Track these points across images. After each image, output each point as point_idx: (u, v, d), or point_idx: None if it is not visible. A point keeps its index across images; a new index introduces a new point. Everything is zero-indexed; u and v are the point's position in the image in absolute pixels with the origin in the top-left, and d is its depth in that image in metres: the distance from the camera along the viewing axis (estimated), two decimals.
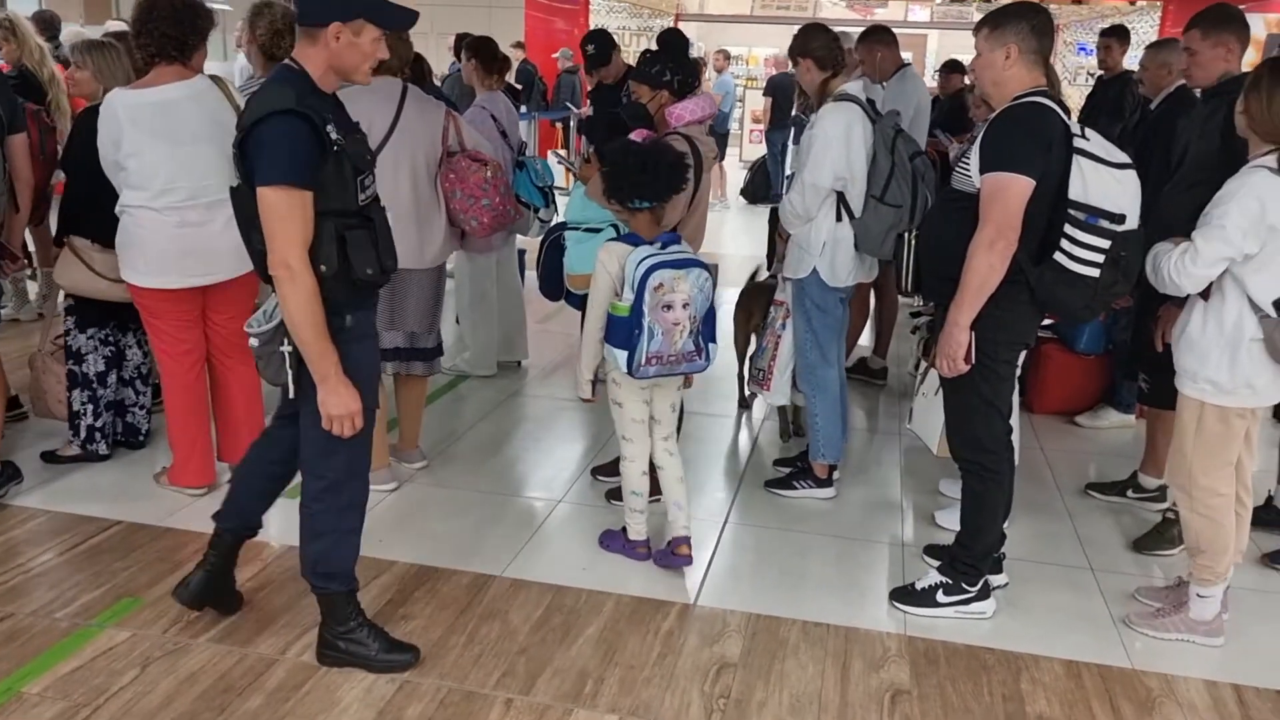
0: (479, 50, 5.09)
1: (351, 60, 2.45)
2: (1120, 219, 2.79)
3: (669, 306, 3.04)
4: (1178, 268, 2.84)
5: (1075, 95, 11.83)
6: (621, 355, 3.08)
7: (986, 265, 2.80)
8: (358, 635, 2.73)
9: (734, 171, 12.77)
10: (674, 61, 3.66)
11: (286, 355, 2.47)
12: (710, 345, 3.19)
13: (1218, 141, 3.27)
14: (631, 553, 3.45)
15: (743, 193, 6.56)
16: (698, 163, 3.49)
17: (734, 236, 9.85)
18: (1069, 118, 2.86)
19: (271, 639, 2.92)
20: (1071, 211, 2.79)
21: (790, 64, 3.88)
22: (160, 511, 3.64)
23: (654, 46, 6.48)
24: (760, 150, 11.69)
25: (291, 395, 2.54)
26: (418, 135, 3.66)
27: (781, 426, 4.65)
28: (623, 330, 3.07)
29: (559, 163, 9.41)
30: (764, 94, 12.15)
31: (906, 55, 5.65)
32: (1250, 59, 4.26)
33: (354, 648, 2.73)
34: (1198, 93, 3.84)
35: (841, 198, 3.66)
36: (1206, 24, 3.56)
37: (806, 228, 3.73)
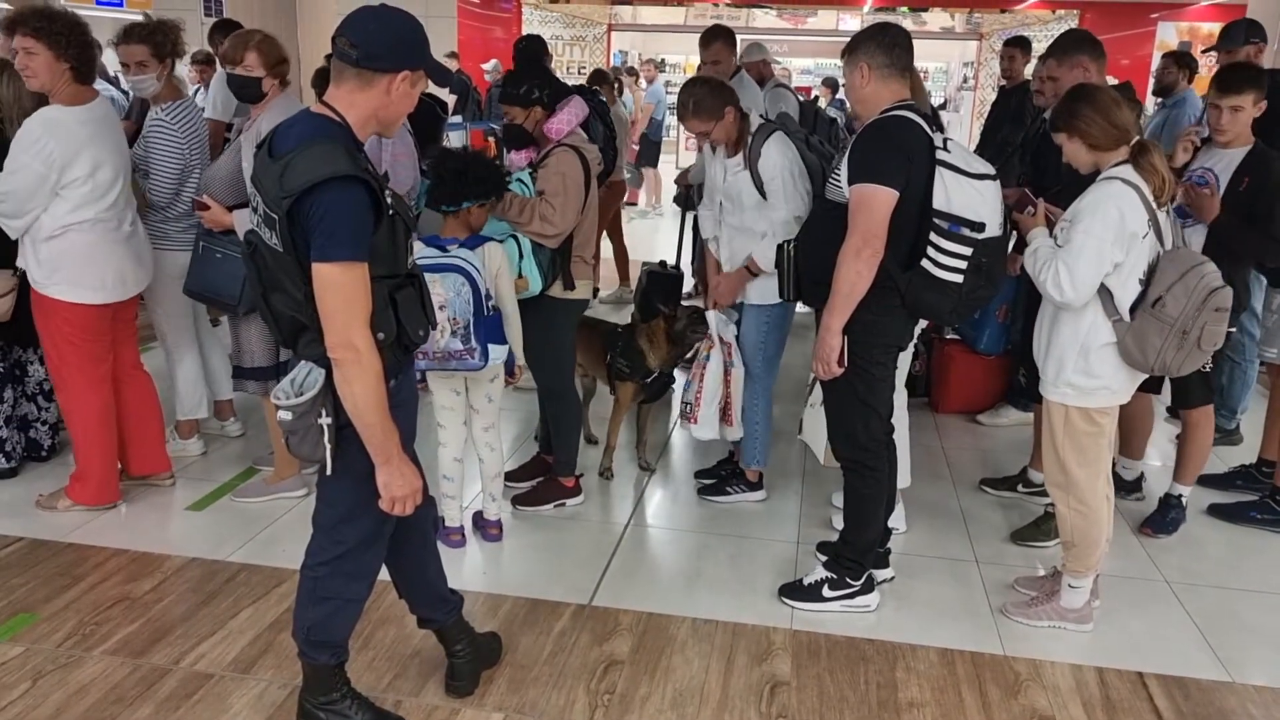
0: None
1: (401, 109, 2.24)
2: (981, 227, 2.93)
3: None
4: (1057, 289, 2.94)
5: None
6: None
7: (854, 273, 2.92)
8: (340, 707, 2.56)
9: (669, 178, 12.85)
10: (538, 77, 3.66)
11: (325, 428, 2.24)
12: (492, 346, 3.27)
13: None
14: (446, 540, 3.58)
15: (676, 199, 6.60)
16: (587, 171, 3.58)
17: (669, 243, 9.91)
18: (931, 127, 3.00)
19: (166, 649, 2.96)
20: (936, 220, 2.93)
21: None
22: (64, 527, 3.66)
23: (587, 57, 6.54)
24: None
25: (330, 472, 2.31)
26: None
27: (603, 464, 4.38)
28: None
29: None
30: None
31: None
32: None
33: (334, 719, 2.58)
34: None
35: None
36: (1059, 50, 3.80)
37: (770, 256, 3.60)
